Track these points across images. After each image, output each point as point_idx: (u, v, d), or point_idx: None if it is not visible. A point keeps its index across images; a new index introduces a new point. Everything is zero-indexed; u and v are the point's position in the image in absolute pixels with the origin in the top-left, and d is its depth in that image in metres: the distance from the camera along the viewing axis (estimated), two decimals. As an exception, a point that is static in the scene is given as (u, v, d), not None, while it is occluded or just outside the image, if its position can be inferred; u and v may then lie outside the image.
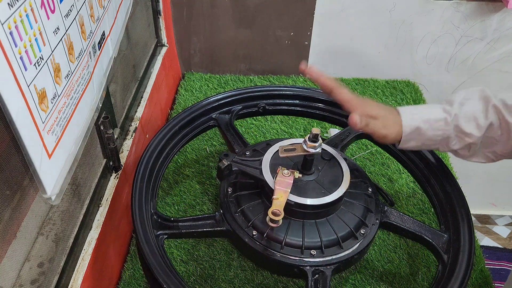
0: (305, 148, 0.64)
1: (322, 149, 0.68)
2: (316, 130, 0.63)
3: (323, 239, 0.64)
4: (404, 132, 0.67)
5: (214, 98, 0.84)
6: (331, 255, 0.64)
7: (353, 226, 0.67)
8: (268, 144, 0.75)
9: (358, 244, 0.66)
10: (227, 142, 0.81)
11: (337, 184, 0.67)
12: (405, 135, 0.67)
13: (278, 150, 0.69)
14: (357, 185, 0.72)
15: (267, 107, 0.87)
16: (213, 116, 0.83)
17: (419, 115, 0.67)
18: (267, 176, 0.66)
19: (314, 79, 0.68)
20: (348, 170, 0.70)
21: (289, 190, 0.63)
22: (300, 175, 0.66)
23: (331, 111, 0.87)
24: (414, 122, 0.67)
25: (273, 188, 0.63)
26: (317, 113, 0.89)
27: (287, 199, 0.62)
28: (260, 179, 0.67)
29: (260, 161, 0.68)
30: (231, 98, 0.85)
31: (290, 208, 0.64)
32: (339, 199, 0.66)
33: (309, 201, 0.64)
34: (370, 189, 0.73)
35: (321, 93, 0.87)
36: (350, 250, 0.65)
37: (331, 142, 0.81)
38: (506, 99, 0.64)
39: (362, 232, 0.67)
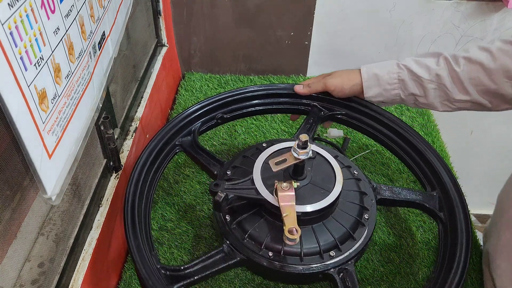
0: (297, 156, 0.62)
1: None
2: (304, 137, 0.61)
3: (336, 237, 0.64)
4: (364, 79, 0.78)
5: (173, 123, 0.79)
6: (348, 250, 0.64)
7: (356, 214, 0.67)
8: (245, 157, 0.73)
9: (366, 230, 0.66)
10: (201, 165, 0.77)
11: (332, 180, 0.67)
12: (365, 80, 0.78)
13: (264, 163, 0.68)
14: (345, 173, 0.72)
15: (224, 116, 0.84)
16: (177, 142, 0.79)
17: (376, 65, 0.79)
18: (265, 193, 0.64)
19: (308, 93, 0.84)
20: (335, 161, 0.70)
21: (295, 203, 0.61)
22: (298, 183, 0.65)
23: (290, 102, 0.87)
24: (371, 69, 0.78)
25: (274, 203, 0.62)
26: (279, 108, 0.88)
27: None
28: (258, 199, 0.64)
29: (251, 180, 0.66)
30: (188, 118, 0.80)
31: (299, 219, 0.62)
32: (340, 194, 0.66)
33: (314, 206, 0.63)
34: (356, 172, 0.73)
35: (277, 88, 0.87)
36: (362, 238, 0.65)
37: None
38: (455, 53, 0.74)
39: (366, 217, 0.67)
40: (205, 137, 1.04)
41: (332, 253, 0.63)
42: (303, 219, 0.64)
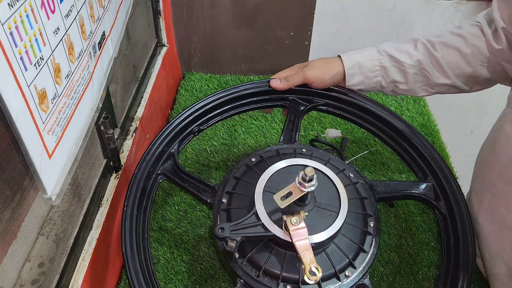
0: (303, 189, 0.59)
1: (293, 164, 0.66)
2: (310, 172, 0.58)
3: (349, 255, 0.62)
4: (346, 67, 0.77)
5: (151, 151, 0.72)
6: (362, 264, 0.62)
7: (362, 225, 0.65)
8: (237, 178, 0.69)
9: (373, 239, 0.65)
10: (191, 193, 0.71)
11: (335, 196, 0.64)
12: (347, 69, 0.77)
13: (263, 190, 0.64)
14: (343, 179, 0.69)
15: (200, 127, 0.78)
16: (159, 171, 0.72)
17: (356, 53, 0.77)
18: (273, 228, 0.60)
19: (287, 88, 0.80)
20: (332, 172, 0.67)
21: (308, 237, 0.58)
22: (307, 213, 0.61)
23: (267, 99, 0.82)
24: (353, 57, 0.77)
25: (285, 239, 0.59)
26: (256, 106, 0.83)
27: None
28: (268, 236, 0.61)
29: (256, 214, 0.61)
30: (165, 141, 0.73)
31: (312, 248, 0.60)
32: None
33: (327, 233, 0.61)
34: (351, 174, 0.70)
35: (251, 87, 0.81)
36: (372, 249, 0.64)
37: (285, 139, 0.77)
38: (430, 38, 0.75)
39: (371, 224, 0.66)
40: (205, 137, 1.04)
41: (347, 272, 0.61)
42: (317, 247, 0.62)
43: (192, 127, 0.78)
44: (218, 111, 0.80)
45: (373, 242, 0.65)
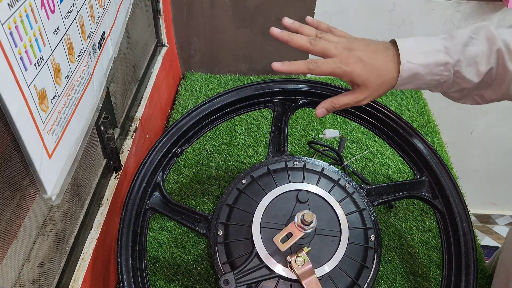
0: (303, 231, 0.59)
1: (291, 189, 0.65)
2: (309, 217, 0.58)
3: (352, 275, 0.61)
4: (401, 77, 0.64)
5: (136, 187, 0.68)
6: (366, 281, 0.61)
7: (363, 241, 0.64)
8: (229, 206, 0.66)
9: (375, 252, 0.63)
10: (184, 225, 0.68)
11: (334, 219, 0.64)
12: (402, 79, 0.64)
13: (260, 227, 0.63)
14: (339, 193, 0.67)
15: (182, 148, 0.75)
16: (147, 207, 0.68)
17: (420, 57, 0.63)
18: (277, 268, 0.60)
19: (288, 73, 0.70)
20: (327, 193, 0.65)
21: (315, 273, 0.58)
22: (309, 248, 0.60)
23: (249, 104, 0.78)
24: (413, 66, 0.63)
25: (289, 277, 0.59)
26: (241, 111, 0.79)
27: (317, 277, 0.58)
28: (274, 277, 0.60)
29: (256, 255, 0.60)
30: (149, 172, 0.69)
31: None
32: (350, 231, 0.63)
33: (333, 262, 0.60)
34: (346, 184, 0.68)
35: (232, 95, 0.76)
36: (375, 263, 0.63)
37: (273, 150, 0.73)
38: (510, 43, 0.60)
39: (372, 238, 0.64)
40: (205, 137, 1.04)
41: None
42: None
43: (174, 149, 0.73)
44: (200, 125, 0.76)
45: (375, 256, 0.63)
